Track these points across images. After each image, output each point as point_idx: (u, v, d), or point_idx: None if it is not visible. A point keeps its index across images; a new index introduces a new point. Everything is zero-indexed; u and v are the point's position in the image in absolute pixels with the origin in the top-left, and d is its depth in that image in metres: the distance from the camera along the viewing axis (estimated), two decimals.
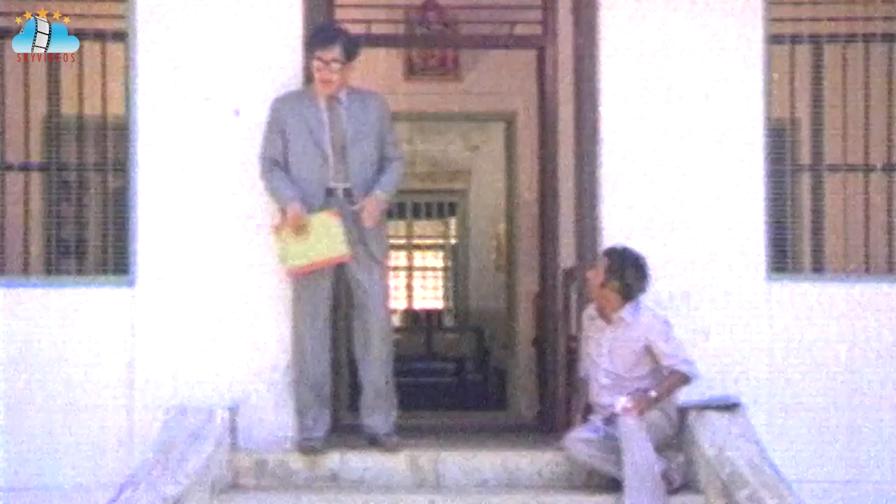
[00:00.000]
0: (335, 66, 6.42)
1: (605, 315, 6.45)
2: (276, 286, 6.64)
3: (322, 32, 6.59)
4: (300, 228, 6.32)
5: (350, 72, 6.52)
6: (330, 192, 6.44)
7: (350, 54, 6.47)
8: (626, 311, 6.38)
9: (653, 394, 6.26)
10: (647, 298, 6.46)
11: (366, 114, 6.51)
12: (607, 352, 6.41)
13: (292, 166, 6.44)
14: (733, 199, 6.77)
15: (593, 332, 6.50)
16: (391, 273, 14.80)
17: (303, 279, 6.46)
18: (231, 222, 6.68)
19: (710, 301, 6.72)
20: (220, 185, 6.70)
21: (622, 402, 6.23)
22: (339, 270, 6.49)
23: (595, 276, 6.45)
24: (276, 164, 6.46)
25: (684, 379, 6.33)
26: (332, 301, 6.58)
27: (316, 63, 6.44)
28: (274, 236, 6.44)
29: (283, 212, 6.41)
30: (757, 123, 6.80)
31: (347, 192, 6.46)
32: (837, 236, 7.02)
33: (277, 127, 6.47)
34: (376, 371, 6.53)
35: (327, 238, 6.32)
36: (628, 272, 6.38)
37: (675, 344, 6.34)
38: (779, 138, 6.97)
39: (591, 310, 6.56)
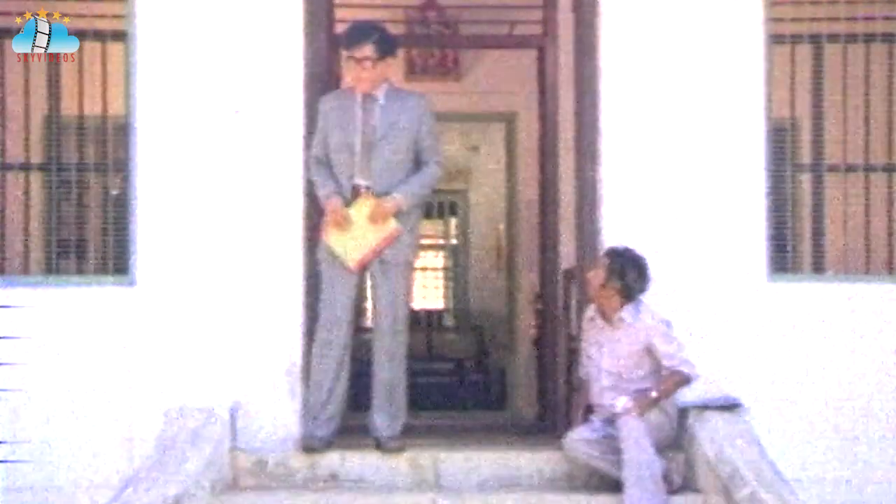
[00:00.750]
0: (367, 63, 6.41)
1: (605, 316, 6.45)
2: (276, 286, 6.64)
3: (352, 31, 6.57)
4: (342, 222, 6.34)
5: (388, 68, 6.50)
6: (356, 189, 6.44)
7: (385, 50, 6.46)
8: (626, 312, 6.38)
9: (653, 394, 6.26)
10: (647, 298, 6.45)
11: (402, 113, 6.47)
12: (608, 352, 6.40)
13: (332, 163, 6.49)
14: (734, 199, 6.77)
15: (594, 333, 6.50)
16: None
17: (331, 278, 6.44)
18: (231, 222, 6.68)
19: (711, 301, 6.71)
20: (220, 185, 6.70)
21: (623, 402, 6.23)
22: (364, 270, 6.48)
23: (595, 276, 6.45)
24: (320, 162, 6.51)
25: (685, 379, 6.32)
26: (355, 303, 6.54)
27: (349, 63, 6.46)
28: (328, 239, 6.42)
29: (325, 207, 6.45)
30: (757, 123, 6.80)
31: (373, 188, 6.44)
32: (838, 236, 7.02)
33: (321, 125, 6.52)
34: (383, 373, 6.52)
35: (374, 221, 6.33)
36: (629, 273, 6.38)
37: (675, 344, 6.34)
38: (779, 138, 6.97)
39: (591, 310, 6.55)
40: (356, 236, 6.36)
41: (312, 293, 6.61)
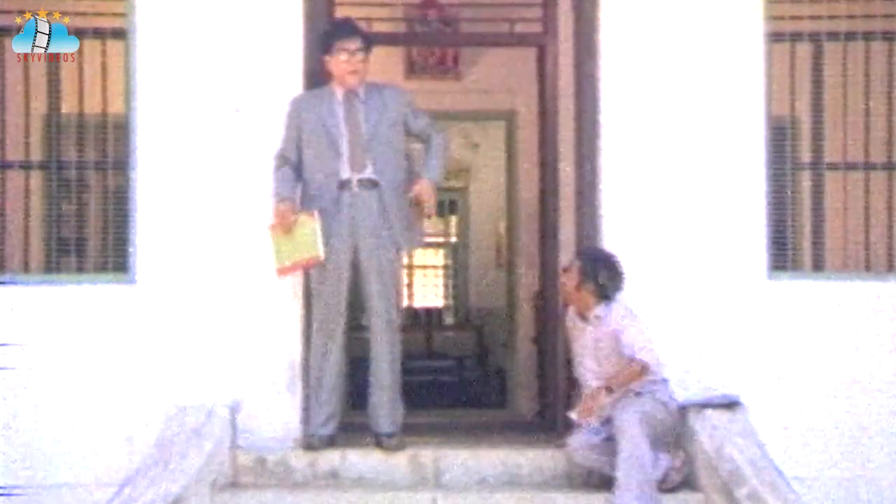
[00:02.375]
0: (360, 55, 6.50)
1: (582, 317, 6.45)
2: (276, 284, 6.63)
3: (343, 25, 6.71)
4: (287, 227, 6.36)
5: (368, 65, 6.59)
6: (343, 185, 6.46)
7: (369, 46, 6.58)
8: (600, 309, 6.37)
9: (601, 388, 6.17)
10: (647, 296, 6.44)
11: (385, 106, 6.55)
12: (591, 353, 6.41)
13: (307, 162, 6.49)
14: (733, 198, 6.77)
15: (576, 335, 6.51)
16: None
17: (322, 276, 6.46)
18: (231, 221, 6.68)
19: (711, 299, 6.71)
20: (220, 183, 6.70)
21: (574, 415, 6.24)
22: (355, 268, 6.48)
23: (569, 279, 6.46)
24: (285, 162, 6.51)
25: (642, 368, 6.21)
26: (349, 299, 6.56)
27: (341, 55, 6.49)
28: (270, 236, 6.46)
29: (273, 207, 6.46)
30: (757, 122, 6.80)
31: (365, 183, 6.47)
32: (837, 234, 7.02)
33: (293, 125, 6.54)
34: (382, 369, 6.54)
35: (306, 238, 6.35)
36: (601, 273, 6.38)
37: (634, 332, 6.27)
38: (779, 136, 6.96)
39: (571, 313, 6.57)
40: (289, 247, 6.39)
41: (311, 291, 6.61)
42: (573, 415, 6.25)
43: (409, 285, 15.43)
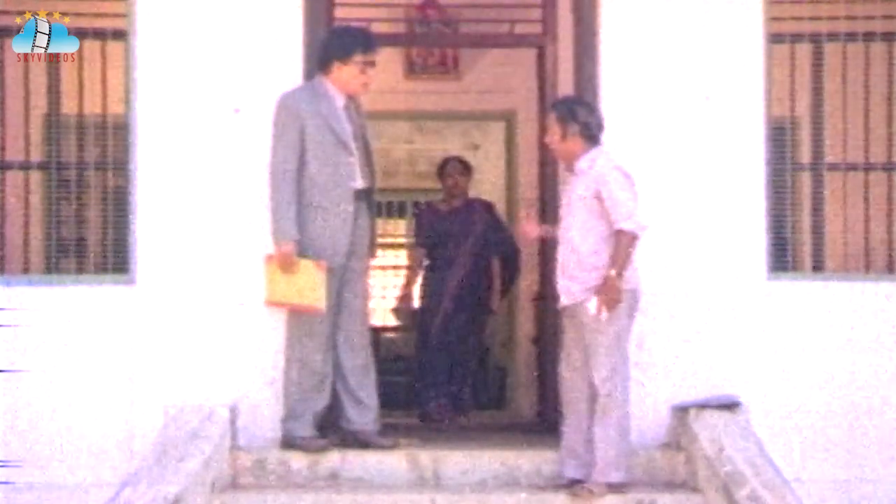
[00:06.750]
0: (373, 68, 6.47)
1: (571, 168, 6.30)
2: None
3: (370, 36, 6.64)
4: (287, 268, 6.32)
5: None
6: (358, 195, 6.46)
7: None
8: (585, 159, 6.19)
9: (612, 273, 5.98)
10: (647, 296, 6.43)
11: (361, 116, 6.57)
12: (566, 205, 6.28)
13: (312, 167, 6.36)
14: (733, 199, 6.77)
15: (564, 200, 6.36)
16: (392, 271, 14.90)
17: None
18: (231, 221, 6.68)
19: (710, 299, 6.72)
20: (219, 183, 6.70)
21: (593, 304, 5.99)
22: (344, 268, 6.48)
23: (553, 133, 6.27)
24: (291, 180, 6.30)
25: (632, 237, 6.05)
26: (336, 299, 6.54)
27: (360, 67, 6.42)
28: (265, 265, 6.43)
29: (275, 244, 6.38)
30: (757, 122, 6.80)
31: (363, 193, 6.50)
32: (837, 235, 7.02)
33: (295, 125, 6.35)
34: (371, 367, 6.57)
35: (309, 286, 6.31)
36: (580, 111, 6.24)
37: (617, 196, 6.05)
38: (779, 137, 6.97)
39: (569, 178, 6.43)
40: (286, 286, 6.35)
41: None
42: (591, 307, 5.99)
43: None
